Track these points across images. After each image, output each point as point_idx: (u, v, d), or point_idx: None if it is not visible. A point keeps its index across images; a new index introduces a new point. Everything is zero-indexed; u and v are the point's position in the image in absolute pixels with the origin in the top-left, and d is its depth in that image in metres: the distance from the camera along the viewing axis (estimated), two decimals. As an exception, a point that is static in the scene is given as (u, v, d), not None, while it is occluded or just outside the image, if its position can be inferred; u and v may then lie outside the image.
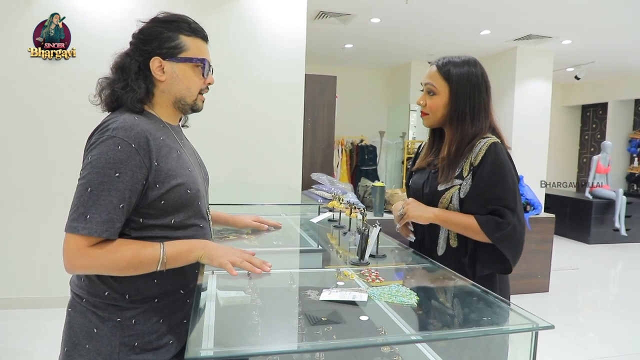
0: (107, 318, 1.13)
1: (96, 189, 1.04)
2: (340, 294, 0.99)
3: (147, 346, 1.15)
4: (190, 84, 1.23)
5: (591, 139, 10.10)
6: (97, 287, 1.14)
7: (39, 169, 3.68)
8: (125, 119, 1.11)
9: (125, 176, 1.06)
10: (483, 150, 1.45)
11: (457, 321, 1.04)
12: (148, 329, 1.16)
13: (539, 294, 4.57)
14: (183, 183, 1.16)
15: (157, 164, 1.12)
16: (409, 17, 5.41)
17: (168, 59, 1.19)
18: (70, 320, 1.17)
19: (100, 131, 1.10)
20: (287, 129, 4.12)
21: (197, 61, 1.22)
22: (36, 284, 3.71)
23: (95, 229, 1.03)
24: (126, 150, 1.06)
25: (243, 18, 3.95)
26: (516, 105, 6.64)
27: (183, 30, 1.21)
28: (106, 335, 1.12)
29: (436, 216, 1.50)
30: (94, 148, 1.08)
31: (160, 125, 1.21)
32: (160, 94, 1.23)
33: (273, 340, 0.97)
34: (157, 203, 1.13)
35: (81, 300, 1.16)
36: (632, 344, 3.53)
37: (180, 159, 1.20)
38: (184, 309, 1.24)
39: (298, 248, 1.75)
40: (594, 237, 7.27)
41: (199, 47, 1.24)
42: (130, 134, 1.08)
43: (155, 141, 1.13)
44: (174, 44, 1.19)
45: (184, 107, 1.26)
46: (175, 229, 1.18)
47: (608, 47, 6.62)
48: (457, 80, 1.51)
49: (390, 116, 8.74)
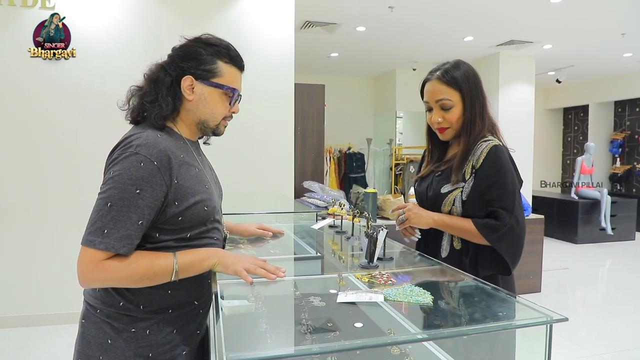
0: (122, 329, 1.12)
1: (116, 205, 1.04)
2: (357, 295, 1.01)
3: (160, 357, 1.15)
4: (216, 109, 1.24)
5: (574, 140, 10.30)
6: (112, 297, 1.13)
7: (38, 169, 3.62)
8: (149, 135, 1.12)
9: (146, 193, 1.06)
10: (484, 153, 1.47)
11: (470, 318, 1.06)
12: (162, 339, 1.15)
13: (532, 294, 4.62)
14: (201, 200, 1.17)
15: (177, 181, 1.12)
16: (394, 25, 5.48)
17: (200, 80, 1.20)
18: (84, 332, 1.16)
19: (123, 147, 1.10)
20: (278, 138, 4.13)
21: (228, 89, 1.24)
22: (30, 302, 3.64)
23: (113, 245, 1.03)
24: (148, 168, 1.07)
25: (231, 29, 3.97)
26: (501, 109, 6.76)
27: (222, 55, 1.23)
28: (120, 347, 1.12)
29: (435, 221, 1.52)
30: (116, 163, 1.08)
31: (181, 142, 1.22)
32: (185, 113, 1.23)
33: (284, 345, 0.97)
34: (175, 219, 1.13)
35: (95, 310, 1.15)
36: (623, 340, 3.60)
37: (199, 176, 1.21)
38: (197, 320, 1.24)
39: (296, 256, 1.75)
40: (581, 237, 7.39)
41: (233, 76, 1.25)
42: (153, 152, 1.08)
43: (176, 159, 1.13)
44: (209, 67, 1.20)
45: (205, 129, 1.27)
46: (190, 240, 1.18)
47: (587, 52, 6.80)
48: (464, 84, 1.51)
49: (377, 123, 8.81)
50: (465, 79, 1.51)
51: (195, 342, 1.24)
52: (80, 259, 1.05)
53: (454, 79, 1.51)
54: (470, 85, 1.51)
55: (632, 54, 6.95)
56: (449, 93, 1.52)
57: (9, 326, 3.58)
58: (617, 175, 9.19)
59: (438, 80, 1.53)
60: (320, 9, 4.93)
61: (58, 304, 3.61)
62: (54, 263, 3.61)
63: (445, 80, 1.52)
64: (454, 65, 1.54)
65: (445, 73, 1.52)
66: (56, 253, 3.62)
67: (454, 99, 1.52)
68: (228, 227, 1.69)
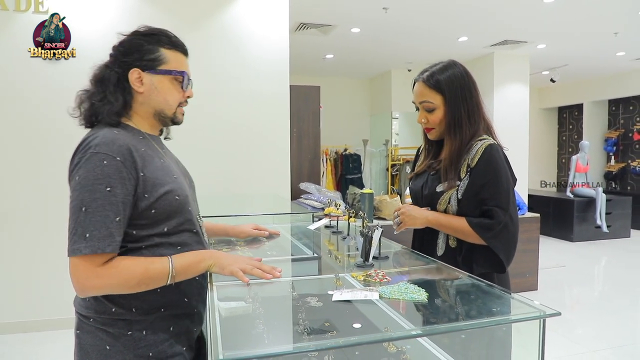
0: (118, 334, 1.12)
1: (91, 207, 1.04)
2: (352, 293, 1.02)
3: (161, 355, 1.15)
4: (169, 96, 1.24)
5: (569, 139, 10.35)
6: (104, 305, 1.13)
7: (38, 169, 3.61)
8: (105, 134, 1.11)
9: (117, 189, 1.07)
10: (480, 152, 1.48)
11: (465, 314, 1.07)
12: (160, 337, 1.16)
13: (529, 292, 4.64)
14: (171, 190, 1.17)
15: (143, 174, 1.12)
16: (388, 26, 5.51)
17: (147, 70, 1.21)
18: (80, 342, 1.16)
19: (82, 150, 1.10)
20: (274, 139, 4.14)
21: (177, 74, 1.24)
22: (27, 308, 3.63)
23: (97, 246, 1.03)
24: (112, 164, 1.07)
25: (226, 31, 3.98)
26: (495, 109, 6.79)
27: (163, 43, 1.23)
28: (120, 351, 1.12)
29: (429, 221, 1.54)
30: (80, 168, 1.07)
31: (140, 137, 1.21)
32: (139, 106, 1.23)
33: (281, 345, 0.97)
34: (148, 212, 1.13)
35: (88, 320, 1.15)
36: (619, 336, 3.62)
37: (165, 167, 1.21)
38: (191, 316, 1.24)
39: (294, 257, 1.75)
40: (577, 235, 7.43)
41: (178, 60, 1.25)
42: (113, 148, 1.08)
43: (137, 152, 1.13)
44: (153, 56, 1.21)
45: (164, 119, 1.27)
46: (169, 235, 1.18)
47: (580, 51, 6.84)
48: (447, 87, 1.52)
49: (373, 124, 8.83)
50: (449, 82, 1.53)
51: (193, 338, 1.25)
52: (72, 270, 1.05)
53: (437, 83, 1.53)
54: (454, 89, 1.53)
55: (625, 53, 7.00)
56: (431, 96, 1.55)
57: (8, 332, 3.57)
58: (611, 173, 9.24)
59: (422, 82, 1.56)
60: (314, 10, 4.95)
61: (57, 309, 3.60)
62: (53, 268, 3.60)
63: (428, 84, 1.55)
64: (441, 68, 1.55)
65: (430, 76, 1.55)
66: (55, 258, 3.59)
67: (436, 102, 1.54)
68: (224, 229, 1.70)
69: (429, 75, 1.55)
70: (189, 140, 3.90)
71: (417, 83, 1.59)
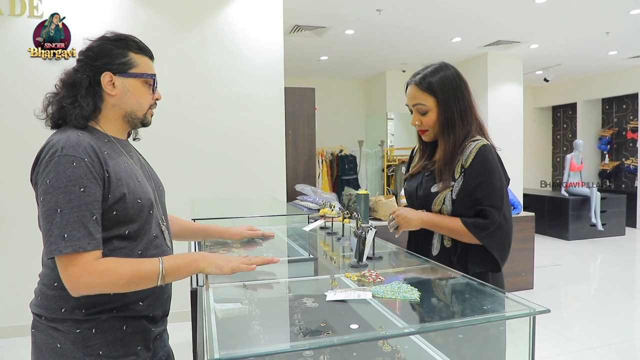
0: (67, 331, 1.13)
1: (66, 208, 1.05)
2: (345, 293, 1.03)
3: (112, 353, 1.15)
4: (141, 98, 1.27)
5: (563, 138, 10.40)
6: (53, 304, 1.14)
7: None
8: (70, 136, 1.12)
9: (90, 189, 1.08)
10: (473, 153, 1.50)
11: (457, 312, 1.09)
12: (111, 337, 1.16)
13: (525, 291, 4.66)
14: (132, 192, 1.18)
15: (108, 174, 1.14)
16: (382, 27, 5.53)
17: (119, 74, 1.22)
18: (35, 341, 1.17)
19: (48, 153, 1.11)
20: (269, 141, 4.15)
21: (148, 76, 1.27)
22: (28, 311, 3.62)
23: (78, 245, 1.04)
24: (81, 165, 1.08)
25: (220, 34, 3.99)
26: (490, 109, 6.82)
27: (132, 48, 1.26)
28: (69, 348, 1.12)
29: (423, 221, 1.56)
30: (49, 172, 1.08)
31: (105, 140, 1.22)
32: (110, 108, 1.25)
33: (277, 345, 0.98)
34: (109, 214, 1.14)
35: (40, 318, 1.16)
36: (615, 334, 3.64)
37: (128, 169, 1.22)
38: (147, 318, 1.24)
39: (289, 258, 1.76)
40: (572, 233, 7.47)
41: (147, 64, 1.29)
42: (79, 150, 1.10)
43: (102, 154, 1.14)
44: (124, 60, 1.23)
45: (134, 120, 1.29)
46: (130, 239, 1.18)
47: (573, 50, 6.89)
48: (440, 89, 1.55)
49: (368, 125, 8.86)
50: (441, 84, 1.55)
51: (150, 338, 1.24)
52: (61, 271, 1.06)
53: (430, 85, 1.55)
54: (446, 91, 1.55)
55: (617, 52, 7.05)
56: (424, 98, 1.57)
57: (8, 336, 3.57)
58: (606, 172, 9.30)
59: (415, 85, 1.59)
60: (308, 13, 4.97)
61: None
62: (28, 274, 3.58)
63: (420, 87, 1.57)
64: (433, 71, 1.57)
65: (423, 79, 1.57)
66: (29, 263, 3.60)
67: (429, 104, 1.57)
68: (217, 230, 1.71)
69: (421, 78, 1.58)
70: (184, 144, 3.92)
71: (410, 86, 1.62)
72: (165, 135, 3.77)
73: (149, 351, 1.25)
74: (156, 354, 1.30)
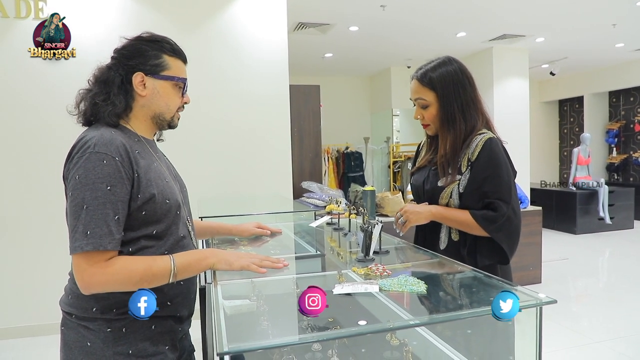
0: (98, 330, 1.14)
1: (92, 205, 1.06)
2: (353, 287, 1.04)
3: (142, 353, 1.16)
4: (170, 101, 1.28)
5: (570, 132, 10.33)
6: (85, 303, 1.15)
7: (38, 169, 3.63)
8: (103, 134, 1.13)
9: (116, 188, 1.09)
10: (479, 146, 1.51)
11: (464, 304, 1.09)
12: (141, 336, 1.16)
13: (533, 285, 4.65)
14: (161, 193, 1.19)
15: (138, 175, 1.15)
16: (387, 23, 5.52)
17: (150, 75, 1.24)
18: (65, 338, 1.18)
19: (81, 149, 1.12)
20: (275, 140, 4.16)
21: (179, 80, 1.28)
22: (28, 312, 3.66)
23: (99, 243, 1.05)
24: (112, 164, 1.09)
25: (225, 33, 4.00)
26: (496, 103, 6.79)
27: (166, 50, 1.26)
28: (100, 347, 1.13)
29: (432, 214, 1.56)
30: (79, 167, 1.09)
31: (135, 139, 1.24)
32: (139, 109, 1.26)
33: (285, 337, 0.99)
34: (137, 214, 1.15)
35: (71, 316, 1.17)
36: (623, 327, 3.63)
37: (157, 170, 1.23)
38: (175, 318, 1.25)
39: (297, 255, 1.77)
40: (580, 227, 7.43)
41: (179, 67, 1.29)
42: (111, 148, 1.11)
43: (133, 153, 1.16)
44: (157, 62, 1.24)
45: (161, 122, 1.30)
46: (157, 239, 1.20)
47: (579, 43, 6.83)
48: (440, 84, 1.55)
49: (374, 122, 8.85)
50: (441, 79, 1.56)
51: (177, 338, 1.26)
52: (75, 268, 1.07)
53: (430, 80, 1.57)
54: (446, 85, 1.56)
55: (624, 44, 6.99)
56: (424, 93, 1.59)
57: (14, 337, 3.60)
58: (614, 165, 9.23)
59: (417, 80, 1.61)
60: (312, 10, 4.97)
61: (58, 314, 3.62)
62: (57, 272, 3.62)
63: (421, 82, 1.59)
64: (435, 66, 1.58)
65: (424, 74, 1.59)
66: (57, 262, 3.62)
67: (429, 98, 1.58)
68: (226, 228, 1.72)
69: (422, 73, 1.59)
70: (190, 143, 3.93)
71: (413, 80, 1.63)
72: (170, 135, 3.78)
73: (176, 351, 1.26)
74: (182, 354, 1.31)
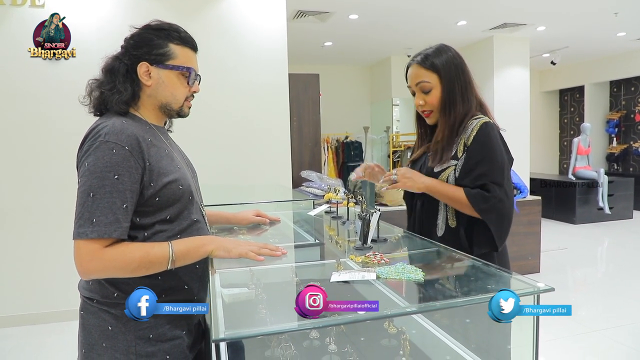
0: (120, 315, 1.15)
1: (98, 193, 1.07)
2: (350, 274, 1.04)
3: (161, 337, 1.18)
4: (176, 90, 1.27)
5: (570, 122, 10.31)
6: (106, 289, 1.16)
7: (38, 168, 3.64)
8: (114, 123, 1.14)
9: (124, 178, 1.10)
10: (475, 130, 1.51)
11: (461, 292, 1.09)
12: (160, 320, 1.18)
13: (531, 274, 4.66)
14: (175, 179, 1.20)
15: (149, 163, 1.15)
16: (387, 12, 5.47)
17: (155, 65, 1.23)
18: (84, 323, 1.19)
19: (92, 138, 1.13)
20: (274, 129, 4.15)
21: (184, 69, 1.27)
22: (34, 300, 3.68)
23: (104, 231, 1.06)
24: (121, 153, 1.10)
25: (223, 22, 3.98)
26: (496, 92, 6.76)
27: (173, 38, 1.25)
28: (121, 331, 1.15)
29: (427, 186, 1.54)
30: (89, 155, 1.11)
31: (147, 127, 1.24)
32: (147, 98, 1.26)
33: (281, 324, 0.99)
34: (152, 200, 1.16)
35: (92, 301, 1.18)
36: (621, 316, 3.65)
37: (169, 157, 1.24)
38: (191, 303, 1.26)
39: (296, 243, 1.77)
40: (579, 217, 7.44)
41: (187, 56, 1.28)
42: (122, 137, 1.11)
43: (144, 142, 1.16)
44: (162, 51, 1.23)
45: (170, 112, 1.30)
46: (171, 222, 1.21)
47: (581, 32, 6.78)
48: (443, 68, 1.57)
49: (374, 111, 8.82)
50: (443, 62, 1.57)
51: (193, 322, 1.27)
52: (76, 253, 1.07)
53: (433, 63, 1.58)
54: (448, 68, 1.57)
55: (625, 34, 6.94)
56: (427, 76, 1.59)
57: (16, 324, 3.62)
58: (614, 155, 9.22)
59: (418, 64, 1.61)
60: (311, -2, 4.93)
61: (63, 301, 3.65)
62: (57, 261, 3.64)
63: (424, 65, 1.59)
64: (434, 50, 1.60)
65: (425, 58, 1.59)
66: (58, 251, 3.64)
67: (433, 81, 1.58)
68: (226, 217, 1.72)
69: (423, 57, 1.60)
70: (190, 132, 3.90)
71: (412, 66, 1.63)
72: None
73: (191, 335, 1.27)
74: (197, 339, 1.32)
